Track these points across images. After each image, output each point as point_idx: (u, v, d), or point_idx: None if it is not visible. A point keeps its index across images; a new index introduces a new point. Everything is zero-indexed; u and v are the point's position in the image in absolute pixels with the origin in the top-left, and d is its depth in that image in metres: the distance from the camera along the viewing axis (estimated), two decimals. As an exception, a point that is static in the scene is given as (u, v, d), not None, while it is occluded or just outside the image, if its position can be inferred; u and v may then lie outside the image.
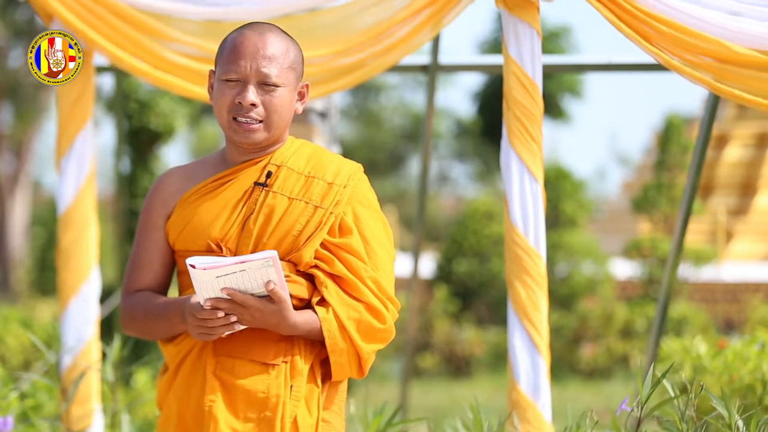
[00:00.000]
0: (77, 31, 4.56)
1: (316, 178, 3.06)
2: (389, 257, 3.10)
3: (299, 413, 2.98)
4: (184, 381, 3.03)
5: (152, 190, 3.15)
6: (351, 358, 3.02)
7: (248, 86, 3.00)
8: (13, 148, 23.28)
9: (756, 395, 5.11)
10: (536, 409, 4.29)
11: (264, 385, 2.96)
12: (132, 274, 3.16)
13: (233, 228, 3.04)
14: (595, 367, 13.47)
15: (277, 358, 2.98)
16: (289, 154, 3.10)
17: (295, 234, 3.01)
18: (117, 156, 8.24)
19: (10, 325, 8.96)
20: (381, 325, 3.03)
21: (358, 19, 4.64)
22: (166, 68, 4.66)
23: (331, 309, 2.99)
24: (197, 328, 2.92)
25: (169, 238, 3.11)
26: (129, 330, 3.16)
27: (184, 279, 3.11)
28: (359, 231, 3.06)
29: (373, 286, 3.03)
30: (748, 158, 19.52)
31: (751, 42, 4.26)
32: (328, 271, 3.02)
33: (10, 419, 4.19)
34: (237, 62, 3.00)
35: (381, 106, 32.13)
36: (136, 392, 7.47)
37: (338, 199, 3.05)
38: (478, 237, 14.54)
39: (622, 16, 4.29)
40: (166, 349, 3.10)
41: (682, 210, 5.58)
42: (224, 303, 2.88)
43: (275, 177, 3.06)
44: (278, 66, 3.01)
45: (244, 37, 3.02)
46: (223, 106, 3.03)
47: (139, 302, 3.11)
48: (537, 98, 4.37)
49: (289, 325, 2.95)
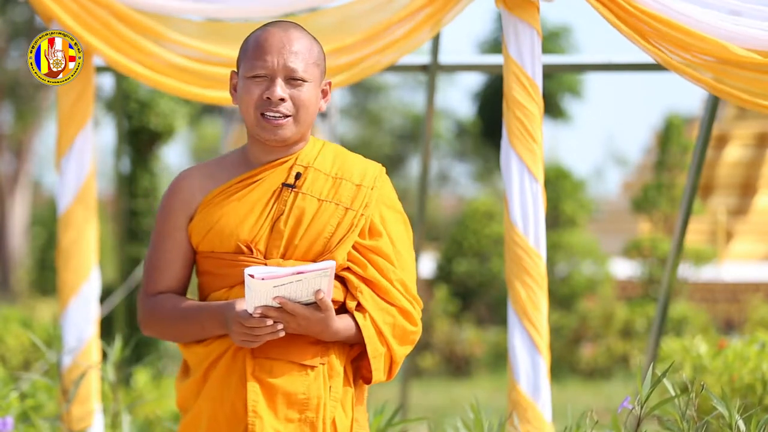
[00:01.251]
0: (76, 35, 4.55)
1: (344, 180, 3.06)
2: (412, 257, 3.12)
3: (337, 414, 2.99)
4: (217, 383, 2.99)
5: (171, 191, 3.10)
6: (386, 362, 3.04)
7: (276, 81, 2.99)
8: (13, 148, 23.27)
9: (756, 395, 5.11)
10: (536, 409, 4.29)
11: (304, 386, 2.96)
12: (152, 275, 3.10)
13: (263, 229, 3.01)
14: (595, 367, 13.47)
15: (315, 360, 2.98)
16: (314, 154, 3.08)
17: (327, 236, 3.00)
18: (117, 156, 8.24)
19: (10, 325, 8.97)
20: (413, 327, 3.06)
21: (358, 18, 4.64)
22: (165, 70, 4.66)
23: (368, 315, 3.00)
24: (242, 335, 2.89)
25: (193, 239, 3.07)
26: (150, 331, 3.11)
27: (205, 280, 3.08)
28: (387, 232, 3.07)
29: (401, 289, 3.05)
30: (748, 158, 19.52)
31: (751, 43, 4.26)
32: (361, 275, 3.02)
33: (10, 419, 4.19)
34: (263, 58, 2.99)
35: (381, 106, 32.12)
36: (136, 392, 7.48)
37: (367, 201, 3.05)
38: (478, 237, 14.55)
39: (621, 15, 4.29)
40: (192, 351, 3.05)
41: (682, 210, 5.58)
42: (273, 311, 2.87)
43: (303, 178, 3.04)
44: (304, 61, 3.00)
45: (269, 34, 3.01)
46: (250, 103, 3.01)
47: (164, 305, 3.06)
48: (537, 98, 4.37)
49: (332, 332, 2.96)
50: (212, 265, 3.05)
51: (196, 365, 3.05)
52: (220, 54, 4.65)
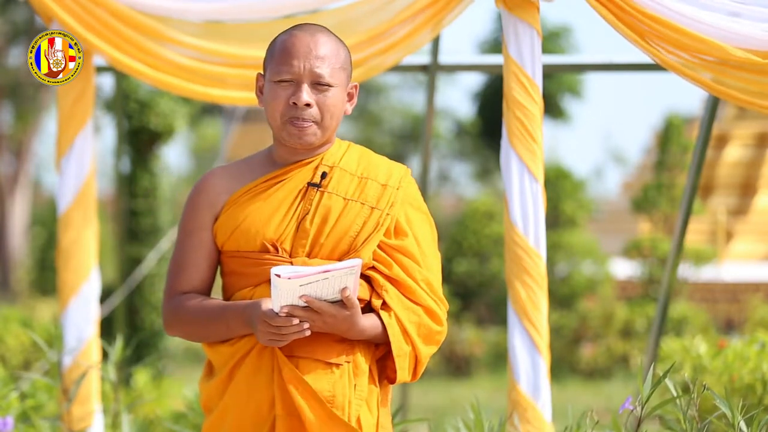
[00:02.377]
0: (76, 34, 4.55)
1: (370, 179, 3.06)
2: (437, 258, 3.12)
3: (362, 412, 2.99)
4: (243, 382, 2.99)
5: (196, 191, 3.09)
6: (411, 361, 3.04)
7: (302, 86, 2.99)
8: (13, 148, 23.27)
9: (756, 395, 5.11)
10: (536, 409, 4.29)
11: (330, 384, 2.96)
12: (177, 275, 3.10)
13: (289, 228, 3.01)
14: (595, 367, 13.47)
15: (340, 358, 2.98)
16: (339, 154, 3.09)
17: (352, 235, 3.01)
18: (117, 156, 8.24)
19: (10, 325, 8.97)
20: (438, 327, 3.06)
21: (358, 20, 4.64)
22: (166, 69, 4.66)
23: (394, 313, 3.00)
24: (268, 335, 2.89)
25: (218, 239, 3.07)
26: (174, 331, 3.11)
27: (230, 280, 3.08)
28: (412, 233, 3.07)
29: (426, 288, 3.05)
30: (748, 158, 19.52)
31: (749, 44, 4.26)
32: (387, 274, 3.02)
33: (10, 419, 4.19)
34: (290, 62, 2.98)
35: (381, 106, 32.12)
36: (136, 392, 7.48)
37: (393, 200, 3.05)
38: (478, 237, 14.54)
39: (621, 16, 4.29)
40: (217, 351, 3.04)
41: (682, 210, 5.58)
42: (299, 310, 2.87)
43: (329, 178, 3.04)
44: (331, 66, 3.00)
45: (296, 38, 3.01)
46: (276, 108, 3.01)
47: (188, 305, 3.06)
48: (537, 98, 4.37)
49: (358, 331, 2.96)
50: (237, 264, 3.05)
51: (221, 365, 3.04)
52: (221, 53, 4.65)
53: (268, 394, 2.97)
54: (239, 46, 4.68)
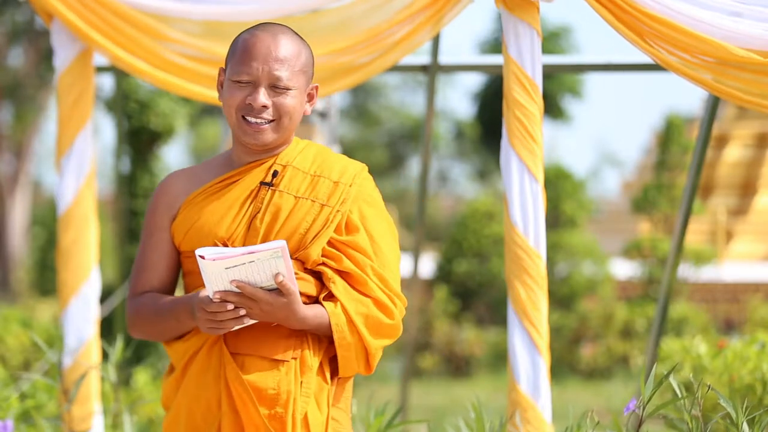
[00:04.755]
0: (77, 30, 4.56)
1: (322, 177, 3.08)
2: (395, 255, 3.12)
3: (309, 410, 2.99)
4: (194, 379, 3.03)
5: (157, 193, 3.15)
6: (359, 353, 3.03)
7: (259, 88, 3.01)
8: (13, 148, 23.28)
9: (756, 395, 5.11)
10: (536, 409, 4.29)
11: (274, 381, 2.97)
12: (138, 276, 3.16)
13: (240, 227, 3.05)
14: (595, 367, 13.47)
15: (287, 354, 2.99)
16: (294, 154, 3.11)
17: (302, 232, 3.02)
18: (117, 156, 8.23)
19: (10, 325, 8.95)
20: (389, 320, 3.05)
21: (358, 19, 4.64)
22: (166, 68, 4.66)
23: (339, 303, 3.00)
24: (207, 322, 2.92)
25: (175, 239, 3.12)
26: (137, 332, 3.15)
27: (191, 280, 3.11)
28: (366, 229, 3.08)
29: (379, 283, 3.05)
30: (748, 158, 19.52)
31: (751, 43, 4.25)
32: (336, 267, 3.03)
33: (10, 423, 4.18)
34: (249, 64, 3.00)
35: (381, 106, 32.12)
36: (136, 393, 7.47)
37: (344, 197, 3.07)
38: (478, 237, 14.54)
39: (621, 16, 4.29)
40: (173, 348, 3.09)
41: (682, 210, 5.58)
42: (234, 296, 2.89)
43: (281, 176, 3.07)
44: (290, 69, 3.02)
45: (257, 39, 3.02)
46: (232, 105, 3.04)
47: (145, 304, 3.11)
48: (537, 98, 4.37)
49: (299, 319, 2.95)
50: (193, 263, 3.09)
51: (176, 362, 3.09)
52: (221, 53, 4.65)
53: (216, 391, 3.00)
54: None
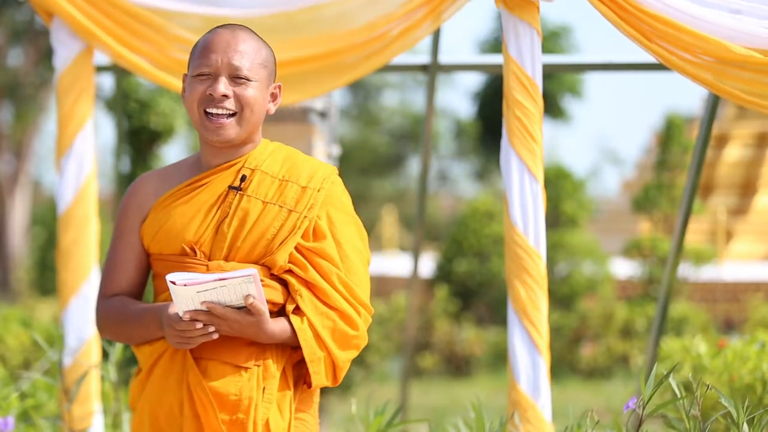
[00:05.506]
0: (79, 26, 4.56)
1: (290, 182, 3.05)
2: (363, 261, 3.09)
3: (271, 416, 2.98)
4: (157, 382, 3.03)
5: (127, 194, 3.15)
6: (327, 366, 3.02)
7: (219, 78, 3.00)
8: (13, 148, 23.28)
9: (756, 395, 5.11)
10: (536, 408, 4.29)
11: (236, 387, 2.96)
12: (107, 277, 3.15)
13: (207, 231, 3.04)
14: (595, 367, 13.47)
15: (249, 361, 2.98)
16: (263, 157, 3.09)
17: (269, 238, 3.01)
18: (117, 156, 8.23)
19: (10, 325, 8.95)
20: (354, 331, 3.03)
21: (357, 12, 4.63)
22: (169, 65, 4.66)
23: (306, 319, 2.99)
24: (175, 338, 2.93)
25: (144, 241, 3.11)
26: (105, 333, 3.15)
27: (159, 282, 3.10)
28: (333, 235, 3.05)
29: (345, 292, 3.03)
30: (748, 158, 19.52)
31: (751, 41, 4.25)
32: (302, 276, 3.01)
33: (11, 419, 4.19)
34: (208, 56, 3.00)
35: (381, 106, 32.13)
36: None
37: (312, 202, 3.04)
38: (478, 237, 14.54)
39: (622, 14, 4.29)
40: (140, 351, 3.09)
41: (682, 210, 5.58)
42: (203, 315, 2.89)
43: (249, 181, 3.05)
44: (250, 60, 3.02)
45: (216, 34, 3.03)
46: (194, 100, 3.03)
47: (115, 307, 3.11)
48: (537, 98, 4.37)
49: (267, 336, 2.96)
50: (161, 266, 3.09)
51: (143, 364, 3.10)
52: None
53: (178, 396, 3.00)
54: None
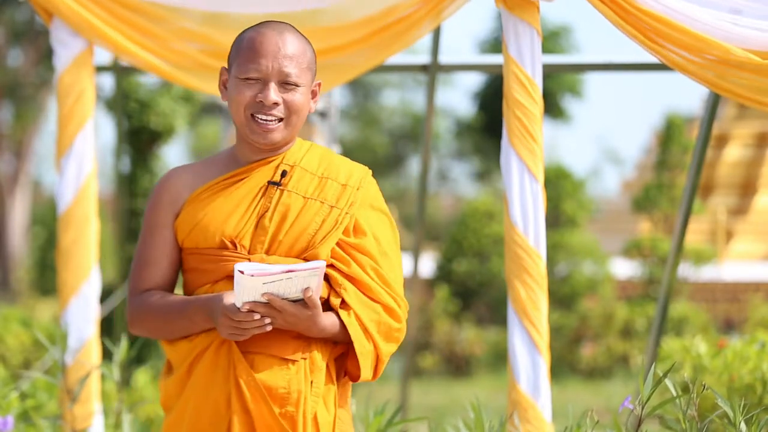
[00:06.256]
0: (81, 20, 4.55)
1: (330, 179, 3.08)
2: (398, 259, 3.13)
3: (318, 409, 2.99)
4: (201, 379, 3.00)
5: (158, 188, 3.12)
6: (372, 360, 3.04)
7: (269, 85, 3.00)
8: (13, 148, 23.28)
9: (756, 395, 5.11)
10: (536, 408, 4.29)
11: (285, 380, 2.96)
12: (139, 273, 3.13)
13: (248, 225, 3.03)
14: (595, 366, 13.47)
15: (296, 354, 2.98)
16: (300, 154, 3.11)
17: (311, 233, 3.02)
18: (117, 156, 8.24)
19: (10, 325, 8.96)
20: (397, 324, 3.06)
21: (356, 11, 4.63)
22: (174, 59, 4.65)
23: (353, 312, 3.01)
24: (229, 329, 2.91)
25: (178, 236, 3.09)
26: (138, 330, 3.12)
27: (192, 277, 3.09)
28: (372, 233, 3.08)
29: (385, 286, 3.06)
30: (748, 158, 19.52)
31: (749, 44, 4.25)
32: (345, 272, 3.03)
33: (10, 419, 4.19)
34: (257, 61, 2.99)
35: (381, 106, 32.12)
36: (136, 392, 7.48)
37: (352, 200, 3.07)
38: (478, 237, 14.54)
39: (622, 14, 4.29)
40: (176, 348, 3.05)
41: (682, 210, 5.58)
42: (261, 307, 2.88)
43: (289, 176, 3.06)
44: (298, 65, 3.02)
45: (264, 36, 3.01)
46: (240, 104, 3.02)
47: (151, 301, 3.08)
48: (537, 98, 4.37)
49: (319, 329, 2.97)
50: (197, 261, 3.07)
51: (179, 362, 3.06)
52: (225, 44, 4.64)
53: (225, 391, 2.98)
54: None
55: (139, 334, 3.15)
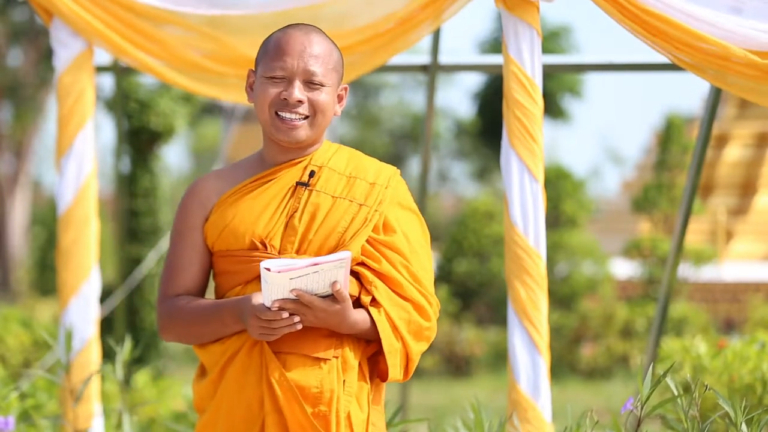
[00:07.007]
0: (81, 21, 4.55)
1: (358, 179, 3.08)
2: (429, 257, 3.13)
3: (352, 409, 2.99)
4: (234, 380, 3.00)
5: (188, 194, 3.13)
6: (402, 358, 3.03)
7: (294, 83, 3.01)
8: (13, 148, 23.28)
9: (756, 395, 5.11)
10: (536, 409, 4.29)
11: (317, 380, 2.96)
12: (170, 279, 3.12)
13: (277, 225, 3.04)
14: (595, 367, 13.47)
15: (328, 353, 2.98)
16: (328, 155, 3.11)
17: (340, 231, 3.02)
18: (117, 156, 8.24)
19: (10, 325, 8.96)
20: (427, 323, 3.05)
21: (357, 12, 4.63)
22: (173, 61, 4.65)
23: (383, 310, 3.01)
24: (259, 329, 2.91)
25: (208, 239, 3.09)
26: (168, 335, 3.12)
27: (223, 280, 3.09)
28: (402, 231, 3.08)
29: (415, 284, 3.05)
30: (748, 158, 19.51)
31: (749, 43, 4.25)
32: (376, 269, 3.03)
33: (11, 419, 4.19)
34: (283, 59, 3.01)
35: (380, 106, 32.14)
36: (137, 392, 7.48)
37: (381, 198, 3.07)
38: (478, 237, 14.55)
39: (624, 12, 4.29)
40: (208, 351, 3.05)
41: (682, 210, 5.58)
42: (290, 304, 2.88)
43: (317, 177, 3.07)
44: (324, 65, 3.03)
45: (290, 36, 3.03)
46: (265, 101, 3.03)
47: (182, 306, 3.07)
48: (537, 98, 4.37)
49: (349, 325, 2.96)
50: (227, 263, 3.07)
51: (212, 364, 3.05)
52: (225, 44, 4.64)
53: (258, 392, 2.98)
54: (243, 38, 4.66)
55: (170, 339, 3.14)
